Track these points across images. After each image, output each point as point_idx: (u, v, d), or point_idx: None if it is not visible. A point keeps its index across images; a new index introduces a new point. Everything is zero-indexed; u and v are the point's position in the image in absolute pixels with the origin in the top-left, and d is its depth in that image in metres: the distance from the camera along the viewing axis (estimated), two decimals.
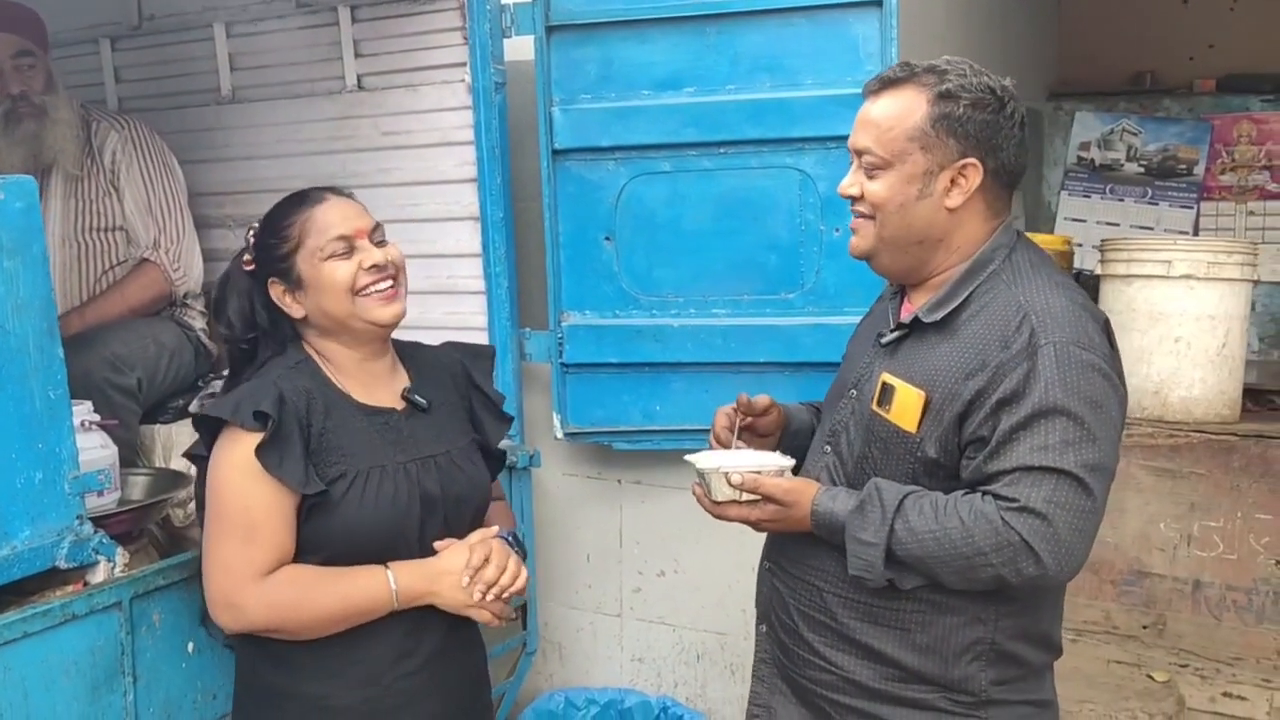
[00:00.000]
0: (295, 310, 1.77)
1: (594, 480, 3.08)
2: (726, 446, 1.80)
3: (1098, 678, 2.83)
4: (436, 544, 1.75)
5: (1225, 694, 2.78)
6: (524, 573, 1.78)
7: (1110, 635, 3.06)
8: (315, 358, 1.79)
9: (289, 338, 1.82)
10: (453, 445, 1.85)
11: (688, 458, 1.72)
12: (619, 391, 2.84)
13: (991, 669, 1.62)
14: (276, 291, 1.77)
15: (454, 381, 1.93)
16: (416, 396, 1.83)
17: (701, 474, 1.68)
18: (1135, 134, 5.03)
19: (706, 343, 2.75)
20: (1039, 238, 3.33)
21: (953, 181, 1.60)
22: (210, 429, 1.72)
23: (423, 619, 1.75)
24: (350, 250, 1.74)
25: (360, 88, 2.99)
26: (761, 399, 1.85)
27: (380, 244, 1.79)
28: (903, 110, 1.60)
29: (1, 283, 1.70)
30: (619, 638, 3.14)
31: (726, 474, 1.65)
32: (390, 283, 1.77)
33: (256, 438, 1.64)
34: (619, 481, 3.06)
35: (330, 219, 1.75)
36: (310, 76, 3.07)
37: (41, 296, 1.77)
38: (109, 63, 3.42)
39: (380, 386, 1.82)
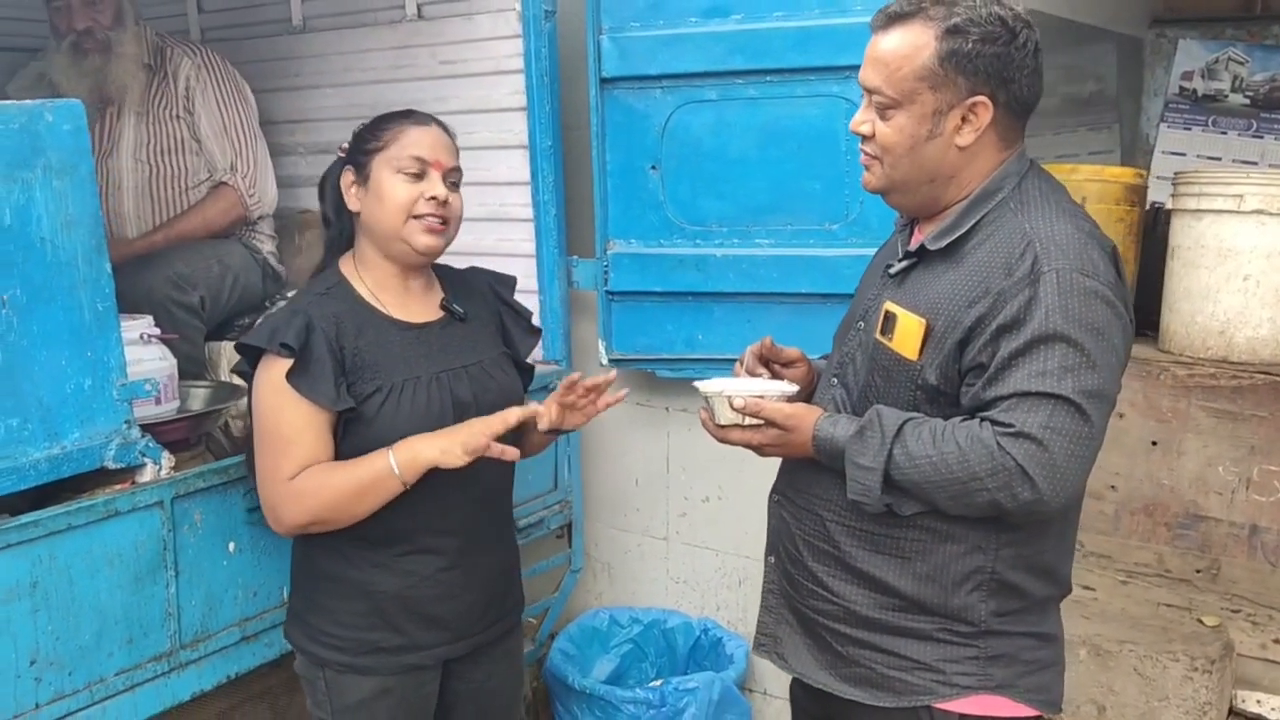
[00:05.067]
0: (352, 204, 1.89)
1: (642, 407, 3.14)
2: (751, 371, 1.84)
3: (1144, 620, 2.79)
4: None
5: (1277, 640, 2.71)
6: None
7: (1162, 579, 3.00)
8: (350, 278, 1.90)
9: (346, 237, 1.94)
10: (485, 355, 1.96)
11: (695, 383, 1.76)
12: (662, 320, 2.87)
13: (992, 599, 1.63)
14: (346, 180, 1.89)
15: (483, 299, 2.04)
16: (455, 305, 1.95)
17: (706, 398, 1.72)
18: (1242, 63, 4.75)
19: (749, 273, 2.75)
20: (1111, 170, 3.22)
21: (963, 119, 1.58)
22: (252, 352, 1.83)
23: (460, 521, 1.89)
24: (421, 175, 1.84)
25: (420, 16, 3.06)
26: (791, 350, 1.88)
27: (452, 186, 1.89)
28: (911, 48, 1.57)
29: (51, 200, 1.82)
30: (665, 560, 3.22)
31: (729, 398, 1.68)
32: (440, 221, 1.86)
33: (287, 363, 1.75)
34: (666, 409, 3.11)
35: (419, 140, 1.86)
36: (374, 6, 3.14)
37: (90, 214, 1.88)
38: None
39: (416, 303, 1.93)
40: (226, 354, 2.81)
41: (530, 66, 2.80)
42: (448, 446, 1.74)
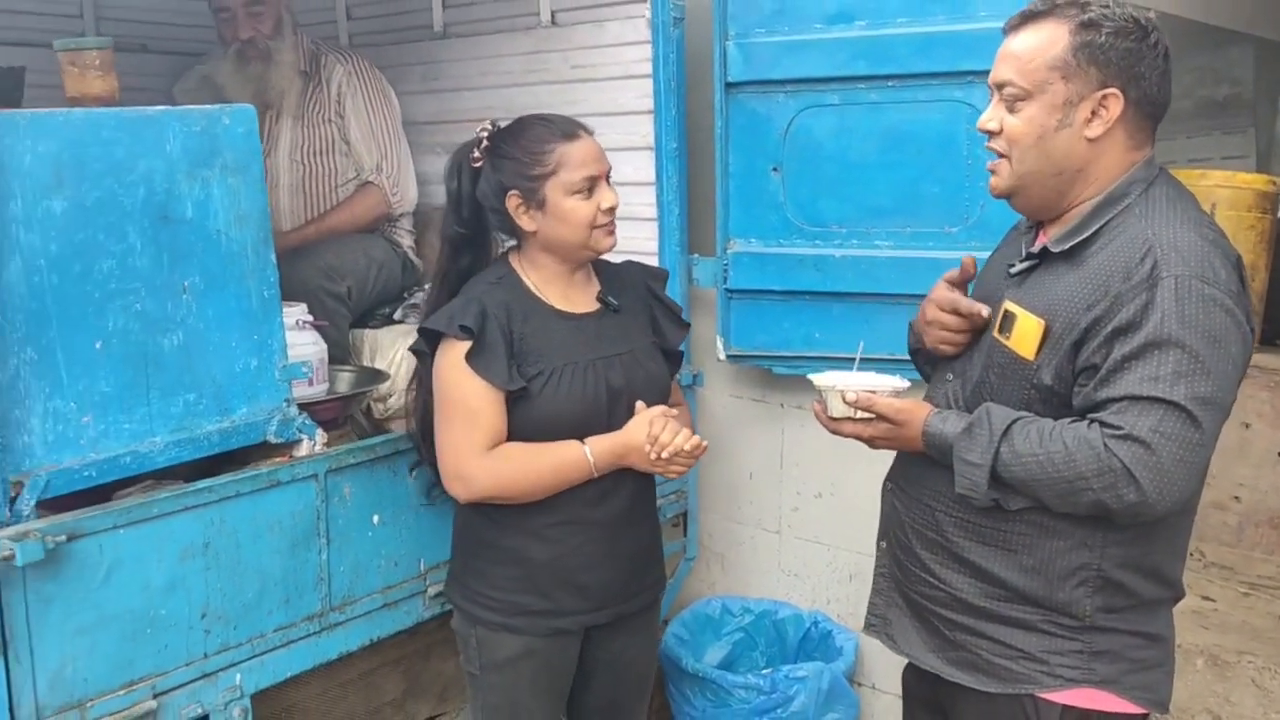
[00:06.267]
0: (527, 225, 2.01)
1: (758, 403, 3.22)
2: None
3: (1266, 632, 2.75)
4: (637, 404, 2.02)
5: None
6: (693, 435, 1.99)
7: None
8: (518, 270, 2.06)
9: (490, 240, 2.11)
10: (636, 345, 2.11)
11: (810, 376, 1.85)
12: (780, 318, 2.95)
13: (1098, 595, 1.66)
14: (513, 204, 2.01)
15: (636, 292, 2.18)
16: (610, 298, 2.10)
17: (820, 391, 1.81)
18: None
19: (867, 273, 2.81)
20: (1242, 176, 3.18)
21: (1094, 112, 1.62)
22: (431, 336, 2.02)
23: (607, 497, 2.03)
24: (592, 189, 1.99)
25: (553, 23, 3.19)
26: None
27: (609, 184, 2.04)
28: (1045, 41, 1.63)
29: (226, 196, 2.00)
30: (777, 553, 3.29)
31: (841, 392, 1.77)
32: (612, 220, 2.03)
33: (466, 345, 1.93)
34: (781, 405, 3.18)
35: (585, 157, 1.99)
36: (510, 13, 3.29)
37: (259, 209, 2.06)
38: (341, 2, 3.78)
39: (577, 294, 2.09)
40: (369, 341, 3.00)
41: (658, 71, 2.90)
42: (637, 465, 1.99)
